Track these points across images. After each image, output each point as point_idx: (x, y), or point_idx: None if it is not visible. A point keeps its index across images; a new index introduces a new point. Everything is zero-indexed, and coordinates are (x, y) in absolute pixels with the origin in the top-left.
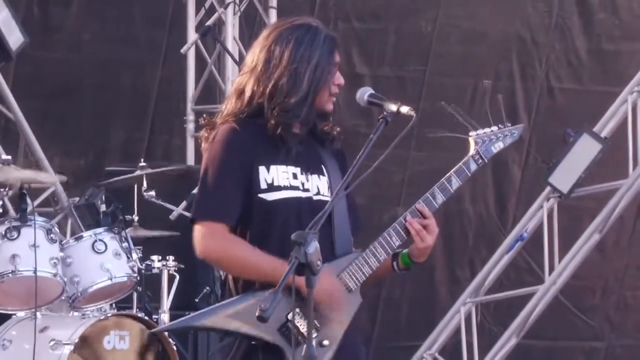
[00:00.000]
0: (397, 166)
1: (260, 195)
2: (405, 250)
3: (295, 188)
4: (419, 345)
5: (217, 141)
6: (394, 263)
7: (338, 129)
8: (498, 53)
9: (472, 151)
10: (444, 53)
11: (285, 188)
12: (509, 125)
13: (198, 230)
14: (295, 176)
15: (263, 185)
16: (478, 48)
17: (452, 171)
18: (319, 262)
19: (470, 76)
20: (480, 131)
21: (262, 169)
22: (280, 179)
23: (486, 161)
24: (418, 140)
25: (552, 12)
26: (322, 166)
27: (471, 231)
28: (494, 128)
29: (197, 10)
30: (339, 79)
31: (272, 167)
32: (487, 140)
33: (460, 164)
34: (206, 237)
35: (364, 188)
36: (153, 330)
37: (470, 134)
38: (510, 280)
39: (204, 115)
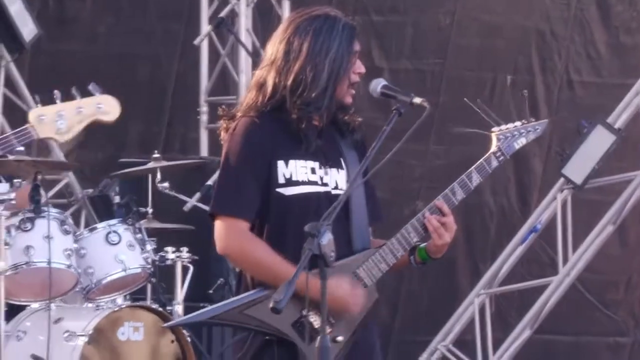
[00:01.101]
0: (417, 160)
1: (278, 190)
2: (422, 245)
3: (314, 183)
4: None
5: (237, 134)
6: (411, 257)
7: (359, 119)
8: (517, 46)
9: (493, 147)
10: (463, 46)
11: (303, 183)
12: (533, 120)
13: (220, 226)
14: (313, 171)
15: (281, 180)
16: (497, 41)
17: (473, 167)
18: (332, 254)
19: (489, 70)
20: (503, 127)
21: (280, 164)
22: (298, 174)
23: (507, 157)
24: (438, 133)
25: (570, 4)
26: (341, 160)
27: (493, 224)
28: (517, 123)
29: (211, 2)
30: (360, 67)
31: (291, 162)
32: (509, 136)
33: (482, 160)
34: (228, 235)
35: (384, 182)
36: (167, 324)
37: (493, 130)
38: (532, 273)
39: (222, 106)
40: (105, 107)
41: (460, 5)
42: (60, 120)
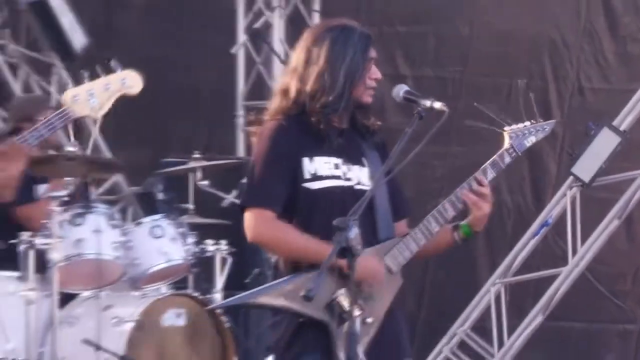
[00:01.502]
0: (439, 160)
1: (305, 185)
2: (463, 222)
3: (337, 177)
4: None
5: (265, 136)
6: (455, 234)
7: (378, 123)
8: (531, 54)
9: (506, 145)
10: (481, 55)
11: (328, 177)
12: (541, 120)
13: (248, 216)
14: (337, 166)
15: (307, 175)
16: (512, 50)
17: (487, 163)
18: (359, 246)
19: (505, 76)
20: (514, 126)
21: (306, 161)
22: (322, 169)
23: (519, 154)
24: (458, 136)
25: (580, 16)
26: (363, 158)
27: (510, 220)
28: (527, 123)
29: (247, 14)
30: (375, 73)
31: (316, 159)
32: (520, 134)
33: (495, 156)
34: (257, 223)
35: (409, 181)
36: (210, 307)
37: (505, 129)
38: (547, 264)
39: (252, 113)
40: (129, 81)
41: (479, 17)
42: (92, 98)
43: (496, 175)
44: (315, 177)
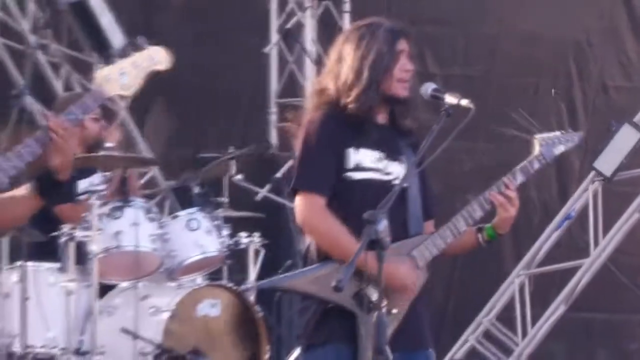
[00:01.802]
0: (467, 156)
1: (347, 174)
2: (488, 225)
3: (378, 171)
4: None
5: (315, 123)
6: (479, 236)
7: (415, 125)
8: (556, 55)
9: (536, 152)
10: (508, 55)
11: (370, 170)
12: (570, 130)
13: (300, 200)
14: (379, 160)
15: (351, 165)
16: (538, 51)
17: (517, 167)
18: (387, 239)
19: (531, 76)
20: (545, 134)
21: (351, 151)
22: (366, 161)
23: (549, 162)
24: (485, 133)
25: (604, 17)
26: (402, 156)
27: (536, 216)
28: (557, 133)
29: (279, 15)
30: (405, 65)
31: (361, 150)
32: (550, 143)
33: (525, 162)
34: (308, 209)
35: (437, 176)
36: (245, 287)
37: (536, 136)
38: (571, 256)
39: (290, 112)
40: (157, 57)
41: (506, 18)
42: (123, 76)
43: (525, 180)
44: (358, 168)
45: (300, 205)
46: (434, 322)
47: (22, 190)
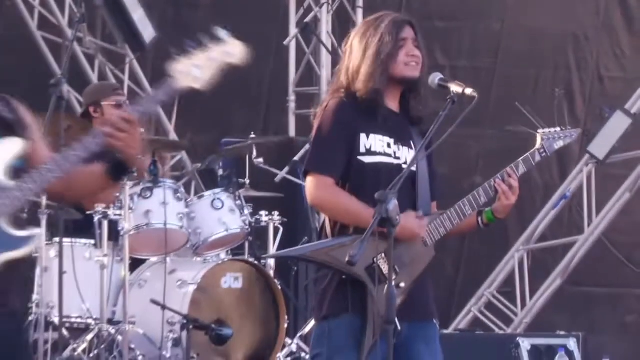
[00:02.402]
0: (474, 141)
1: (359, 158)
2: (488, 209)
3: (388, 155)
4: None
5: (329, 110)
6: (479, 219)
7: (425, 111)
8: (556, 48)
9: (538, 145)
10: (511, 48)
11: (380, 154)
12: (570, 128)
13: (310, 181)
14: (389, 145)
15: (362, 149)
16: (539, 44)
17: (520, 159)
18: (397, 217)
19: (533, 67)
20: (547, 130)
21: (363, 136)
22: (376, 146)
23: (549, 155)
24: (491, 120)
25: (600, 14)
26: (411, 141)
27: (538, 195)
28: (557, 129)
29: (298, 10)
30: (412, 50)
31: (372, 136)
32: (551, 138)
33: (528, 154)
34: (317, 188)
35: (446, 160)
36: (266, 256)
37: (539, 131)
38: (572, 233)
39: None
40: (233, 52)
41: (509, 14)
42: (196, 69)
43: (526, 171)
44: (369, 152)
45: (310, 185)
46: (444, 295)
47: (99, 168)
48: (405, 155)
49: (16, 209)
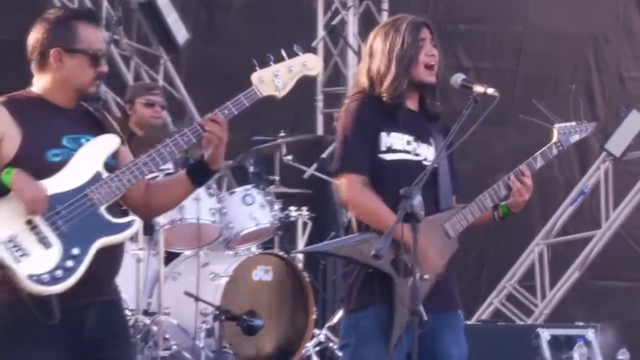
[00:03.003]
0: (498, 140)
1: (380, 155)
2: (504, 203)
3: (408, 152)
4: None
5: (351, 111)
6: (495, 213)
7: (441, 109)
8: (576, 50)
9: (554, 139)
10: (532, 50)
11: (400, 152)
12: (585, 122)
13: (344, 181)
14: (409, 143)
15: (383, 148)
16: (560, 46)
17: (537, 153)
18: (422, 212)
19: (553, 69)
20: (563, 124)
21: (383, 135)
22: (396, 144)
23: (565, 148)
24: (514, 120)
25: (619, 16)
26: (431, 138)
27: (560, 192)
28: (573, 123)
29: (325, 13)
30: (431, 50)
31: (392, 134)
32: (567, 132)
33: (545, 148)
34: (350, 188)
35: (471, 158)
36: (295, 251)
37: (555, 125)
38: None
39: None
40: (309, 63)
41: (531, 17)
42: (276, 79)
43: (544, 164)
44: (390, 150)
45: (342, 185)
46: (471, 289)
47: (179, 175)
48: (425, 151)
49: (114, 199)
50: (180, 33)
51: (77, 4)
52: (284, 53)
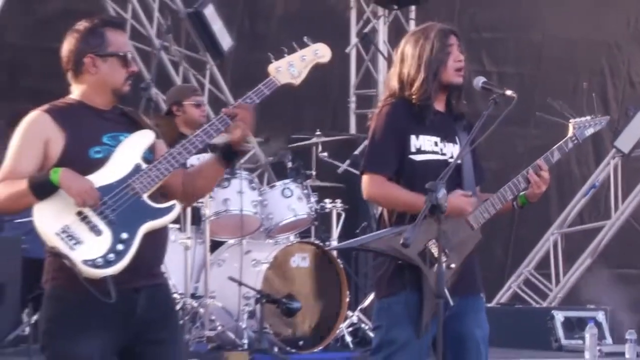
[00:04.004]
0: (520, 139)
1: (410, 157)
2: (522, 193)
3: (436, 152)
4: None
5: (382, 114)
6: (514, 203)
7: (465, 109)
8: (591, 56)
9: (570, 134)
10: (551, 56)
11: (428, 152)
12: (599, 115)
13: (365, 179)
14: (436, 144)
15: (413, 149)
16: (576, 52)
17: (554, 147)
18: (445, 204)
19: (571, 74)
20: (578, 119)
21: (413, 137)
22: (425, 145)
23: (580, 142)
24: (535, 121)
25: (630, 24)
26: (456, 137)
27: (577, 186)
28: (588, 117)
29: (358, 21)
30: (458, 56)
31: (420, 136)
32: (582, 126)
33: (561, 142)
34: (371, 185)
35: (496, 156)
36: (331, 247)
37: (570, 121)
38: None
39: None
40: (320, 52)
41: (549, 26)
42: (292, 68)
43: (561, 157)
44: (419, 151)
45: (365, 183)
46: (495, 277)
47: (209, 159)
48: (451, 150)
49: (155, 187)
50: (225, 40)
51: (131, 15)
52: (295, 45)
